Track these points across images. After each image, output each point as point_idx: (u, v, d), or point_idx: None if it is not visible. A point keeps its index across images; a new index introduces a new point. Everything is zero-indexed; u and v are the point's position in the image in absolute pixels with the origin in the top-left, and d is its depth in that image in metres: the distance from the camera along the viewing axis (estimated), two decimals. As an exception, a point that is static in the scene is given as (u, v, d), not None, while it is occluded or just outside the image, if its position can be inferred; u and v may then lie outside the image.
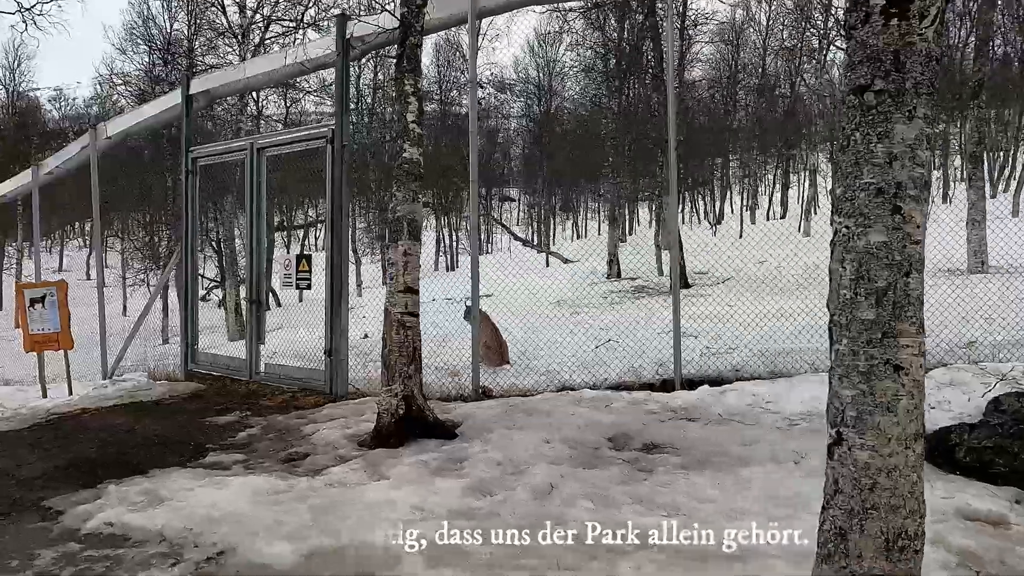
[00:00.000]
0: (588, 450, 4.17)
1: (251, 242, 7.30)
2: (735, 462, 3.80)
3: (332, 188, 6.47)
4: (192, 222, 8.01)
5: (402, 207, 4.76)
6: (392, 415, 4.56)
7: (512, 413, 4.99)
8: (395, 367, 4.64)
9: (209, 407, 6.44)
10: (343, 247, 6.49)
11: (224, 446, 4.93)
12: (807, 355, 5.86)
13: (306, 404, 6.34)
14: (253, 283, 7.27)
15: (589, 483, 3.55)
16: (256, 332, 7.25)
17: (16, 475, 4.36)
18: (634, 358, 6.44)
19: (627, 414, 4.84)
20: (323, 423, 5.30)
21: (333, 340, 6.47)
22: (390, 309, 4.73)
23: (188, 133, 8.05)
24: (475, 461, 4.00)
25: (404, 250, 4.73)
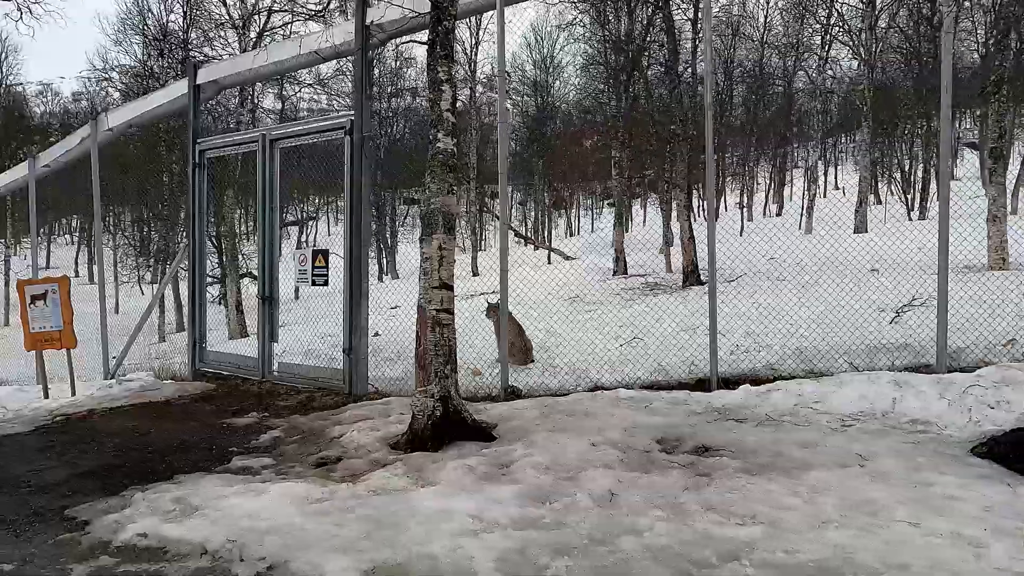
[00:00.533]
0: (638, 453, 3.98)
1: (263, 237, 7.05)
2: (798, 466, 3.63)
3: (351, 182, 6.25)
4: (200, 217, 7.75)
5: (436, 199, 4.55)
6: (429, 417, 4.36)
7: (550, 414, 4.80)
8: (430, 367, 4.44)
9: (224, 408, 6.21)
10: (362, 243, 6.27)
11: (249, 449, 4.71)
12: (843, 352, 5.72)
13: (325, 405, 6.12)
14: (265, 280, 7.03)
15: (652, 489, 3.36)
16: (269, 330, 7.02)
17: (33, 482, 4.12)
18: (661, 356, 6.27)
19: (670, 415, 4.66)
20: (349, 425, 5.08)
21: (352, 338, 6.26)
22: (424, 306, 4.52)
23: (195, 124, 7.78)
24: (522, 466, 3.81)
25: (439, 244, 4.53)
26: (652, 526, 2.92)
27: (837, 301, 7.17)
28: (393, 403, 5.65)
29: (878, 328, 6.28)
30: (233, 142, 7.52)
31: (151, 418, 5.84)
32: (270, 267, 7.04)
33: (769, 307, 7.33)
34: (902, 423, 4.19)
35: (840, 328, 6.20)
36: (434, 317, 4.48)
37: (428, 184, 4.60)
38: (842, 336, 6.02)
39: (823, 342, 5.93)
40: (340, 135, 6.36)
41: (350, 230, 6.27)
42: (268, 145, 6.96)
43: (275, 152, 6.99)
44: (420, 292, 4.59)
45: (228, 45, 15.70)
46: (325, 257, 6.62)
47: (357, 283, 6.24)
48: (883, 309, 6.80)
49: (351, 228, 6.26)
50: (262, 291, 7.03)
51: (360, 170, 6.22)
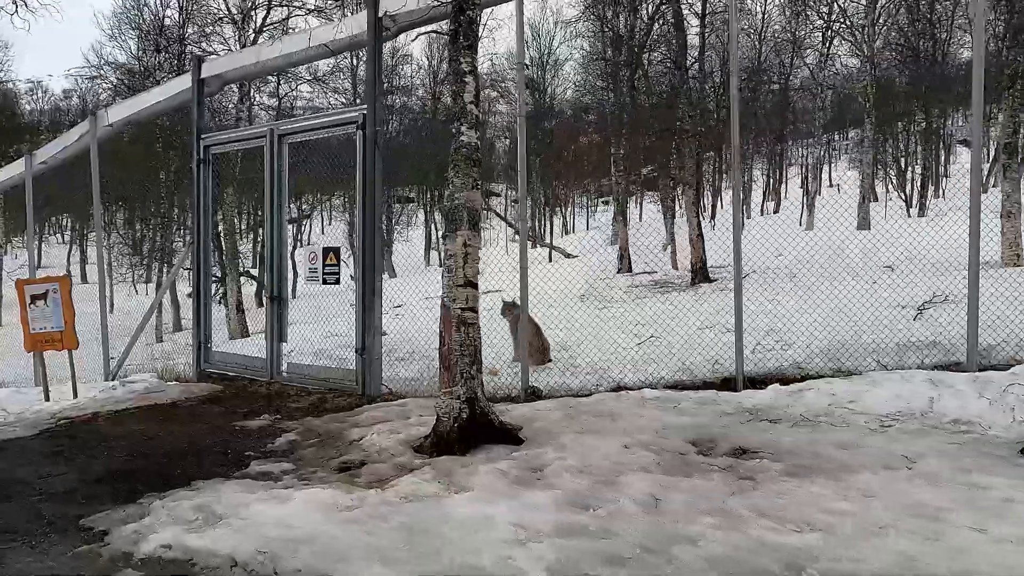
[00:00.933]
0: (673, 456, 3.86)
1: (271, 235, 6.89)
2: (842, 468, 3.51)
3: (364, 177, 6.10)
4: (205, 214, 7.58)
5: (460, 194, 4.40)
6: (455, 419, 4.22)
7: (576, 416, 4.68)
8: (455, 367, 4.30)
9: (233, 410, 6.05)
10: (376, 240, 6.12)
11: (265, 454, 4.55)
12: (871, 351, 5.61)
13: (338, 406, 5.97)
14: (273, 278, 6.87)
15: (696, 494, 3.24)
16: (277, 330, 6.85)
17: (43, 489, 3.95)
18: (683, 355, 6.15)
19: (701, 415, 4.54)
20: (368, 427, 4.93)
21: (366, 338, 6.11)
22: (449, 305, 4.38)
23: (199, 120, 7.60)
24: (556, 470, 3.68)
25: (464, 241, 4.39)
26: (705, 534, 2.79)
27: (856, 298, 7.07)
28: (410, 404, 5.51)
29: (904, 326, 6.18)
30: (239, 137, 7.34)
31: (159, 421, 5.68)
32: (278, 265, 6.87)
33: (788, 305, 7.23)
34: (943, 423, 4.08)
35: (864, 326, 6.10)
36: (459, 316, 4.34)
37: (451, 179, 4.46)
38: (868, 334, 5.92)
39: (850, 340, 5.83)
40: (352, 130, 6.20)
41: (363, 226, 6.12)
42: (276, 140, 6.80)
43: (283, 148, 6.83)
44: (444, 290, 4.45)
45: (225, 41, 15.50)
46: (336, 255, 6.47)
47: (370, 281, 6.09)
48: (904, 306, 6.71)
49: (364, 224, 6.11)
50: (270, 290, 6.87)
51: (373, 165, 6.07)
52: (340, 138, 6.56)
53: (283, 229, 6.91)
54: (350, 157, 6.27)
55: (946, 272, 7.97)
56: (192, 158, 7.56)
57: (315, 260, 6.58)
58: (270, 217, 6.88)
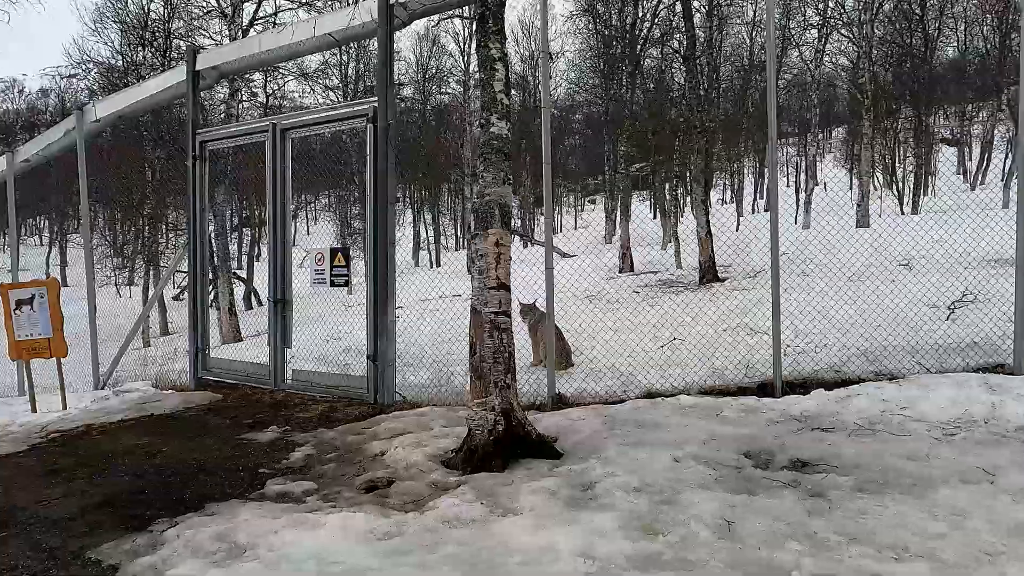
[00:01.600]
0: (730, 470, 3.59)
1: (274, 235, 6.53)
2: (918, 483, 3.26)
3: (375, 173, 5.77)
4: (201, 213, 7.20)
5: (492, 189, 4.10)
6: (489, 432, 3.91)
7: (614, 425, 4.39)
8: (489, 376, 4.00)
9: (238, 421, 5.69)
10: (389, 240, 5.79)
11: (281, 471, 4.22)
12: (909, 352, 5.39)
13: (349, 416, 5.64)
14: (277, 280, 6.51)
15: (770, 515, 2.96)
16: (282, 335, 6.50)
17: (42, 514, 3.59)
18: (709, 358, 5.89)
19: (748, 424, 4.28)
20: (388, 440, 4.61)
21: (379, 344, 5.78)
22: (480, 309, 4.07)
23: (195, 114, 7.22)
24: (607, 488, 3.39)
25: (496, 239, 4.08)
26: (798, 563, 2.52)
27: (880, 298, 6.86)
28: (429, 414, 5.20)
29: (938, 326, 5.97)
30: (238, 132, 6.97)
31: (160, 434, 5.31)
32: (282, 266, 6.52)
33: (810, 304, 7.00)
34: (1010, 431, 3.84)
35: (897, 326, 5.88)
36: (492, 321, 4.04)
37: (481, 173, 4.15)
38: (902, 335, 5.70)
39: (888, 342, 5.60)
40: (361, 123, 5.87)
41: (374, 226, 5.79)
42: (279, 135, 6.44)
43: (287, 143, 6.48)
44: (474, 293, 4.14)
45: (211, 36, 15.02)
46: (345, 255, 6.13)
47: (383, 283, 5.77)
48: (934, 305, 6.50)
49: (376, 224, 5.78)
50: (273, 292, 6.51)
51: (386, 160, 5.74)
52: (326, 136, 6.27)
53: (287, 229, 6.56)
54: (341, 153, 5.94)
55: (968, 270, 7.80)
56: (187, 154, 7.18)
57: (322, 261, 6.23)
58: (273, 217, 6.52)
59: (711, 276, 10.26)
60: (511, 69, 18.26)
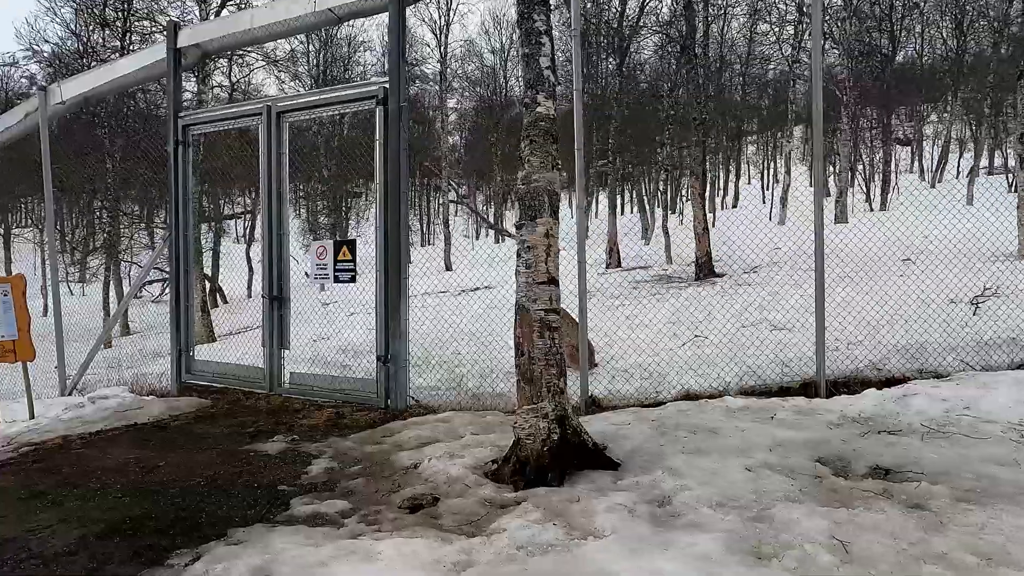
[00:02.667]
0: (810, 479, 3.31)
1: (269, 227, 6.04)
2: (1021, 491, 3.03)
3: (386, 159, 5.34)
4: (184, 204, 6.64)
5: (540, 175, 3.74)
6: (543, 442, 3.56)
7: (666, 431, 4.08)
8: (541, 380, 3.64)
9: (236, 430, 5.20)
10: (401, 233, 5.37)
11: (304, 488, 3.78)
12: (949, 349, 5.23)
13: (359, 423, 5.22)
14: (273, 276, 6.02)
15: (883, 532, 2.69)
16: (278, 335, 6.01)
17: (35, 548, 3.08)
18: (741, 357, 5.64)
19: (808, 428, 4.01)
20: (416, 450, 4.22)
21: (390, 344, 5.36)
22: (527, 307, 3.71)
23: (177, 95, 6.65)
24: (687, 503, 3.08)
25: (546, 230, 3.73)
26: (951, 592, 2.24)
27: (897, 293, 6.73)
28: (454, 420, 4.81)
29: (967, 322, 5.85)
30: (226, 116, 6.42)
31: (151, 447, 4.79)
32: (279, 260, 6.03)
33: (830, 300, 6.81)
34: (1091, 432, 3.67)
35: (924, 322, 5.73)
36: (542, 319, 3.68)
37: (527, 158, 3.78)
38: (935, 332, 5.55)
39: (920, 338, 5.44)
40: (370, 105, 5.43)
41: (385, 215, 5.36)
42: (274, 119, 5.94)
43: (283, 127, 5.98)
44: (520, 290, 3.77)
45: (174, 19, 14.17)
46: (351, 249, 5.68)
47: (395, 278, 5.35)
48: (953, 300, 6.39)
49: (386, 213, 5.35)
50: (269, 289, 6.01)
51: (397, 144, 5.31)
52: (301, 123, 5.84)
53: (284, 221, 6.06)
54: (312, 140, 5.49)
55: (974, 265, 7.76)
56: (168, 139, 6.60)
57: (324, 255, 5.77)
58: (267, 207, 6.02)
59: (707, 271, 10.08)
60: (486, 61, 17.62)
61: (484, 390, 5.66)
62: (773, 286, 7.83)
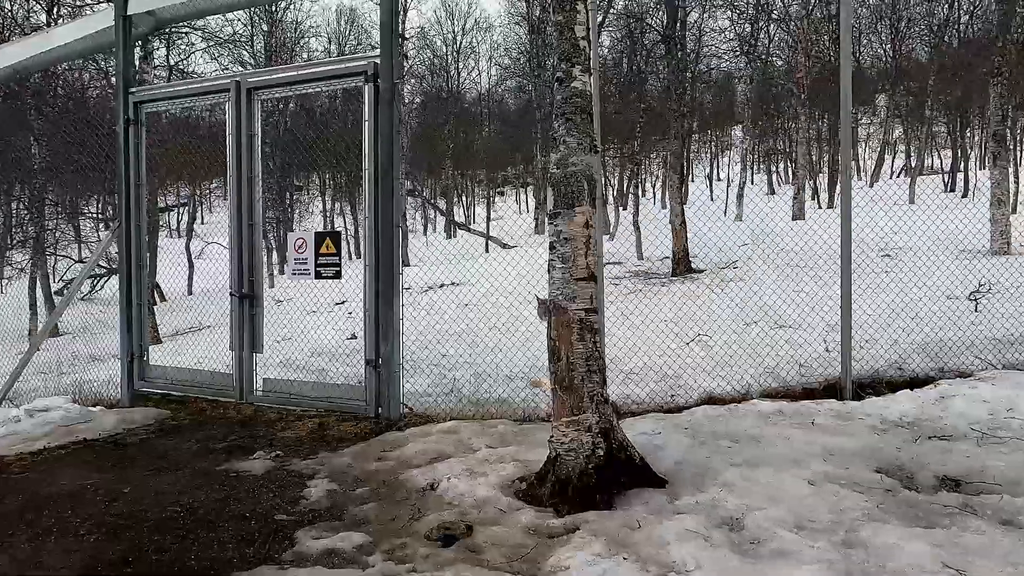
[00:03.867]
0: (882, 494, 3.03)
1: (238, 217, 5.42)
2: (1110, 502, 2.83)
3: (376, 143, 4.82)
4: (137, 190, 5.92)
5: (578, 158, 3.33)
6: (587, 459, 3.16)
7: (702, 439, 3.75)
8: (582, 389, 3.23)
9: (207, 445, 4.60)
10: (394, 221, 4.86)
11: (306, 517, 3.27)
12: (966, 347, 5.10)
13: (348, 435, 4.70)
14: (243, 271, 5.40)
15: (997, 557, 2.42)
16: (250, 337, 5.40)
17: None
18: (755, 357, 5.38)
19: (853, 434, 3.76)
20: (426, 466, 3.76)
21: (381, 346, 4.85)
22: (565, 305, 3.30)
23: (127, 69, 5.92)
24: (763, 526, 2.74)
25: (586, 220, 3.32)
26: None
27: (890, 288, 6.64)
28: (461, 430, 4.35)
29: (971, 317, 5.77)
30: (187, 92, 5.73)
31: (110, 468, 4.15)
32: (249, 255, 5.42)
33: (829, 297, 6.64)
34: None
35: (931, 319, 5.61)
36: (582, 320, 3.27)
37: (562, 138, 3.37)
38: (947, 329, 5.43)
39: (938, 335, 5.30)
40: (359, 82, 4.89)
41: (376, 205, 4.84)
42: (244, 96, 5.32)
43: (253, 105, 5.37)
44: (554, 286, 3.36)
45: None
46: (335, 241, 5.13)
47: (387, 274, 4.84)
48: (951, 296, 6.33)
49: (377, 205, 4.83)
50: (238, 285, 5.40)
51: (389, 126, 4.80)
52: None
53: (255, 210, 5.44)
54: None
55: (954, 261, 7.79)
56: (118, 118, 5.86)
57: (304, 248, 5.19)
58: (237, 195, 5.40)
59: (685, 267, 9.90)
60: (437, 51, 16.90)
61: (483, 396, 5.22)
62: (759, 282, 7.66)
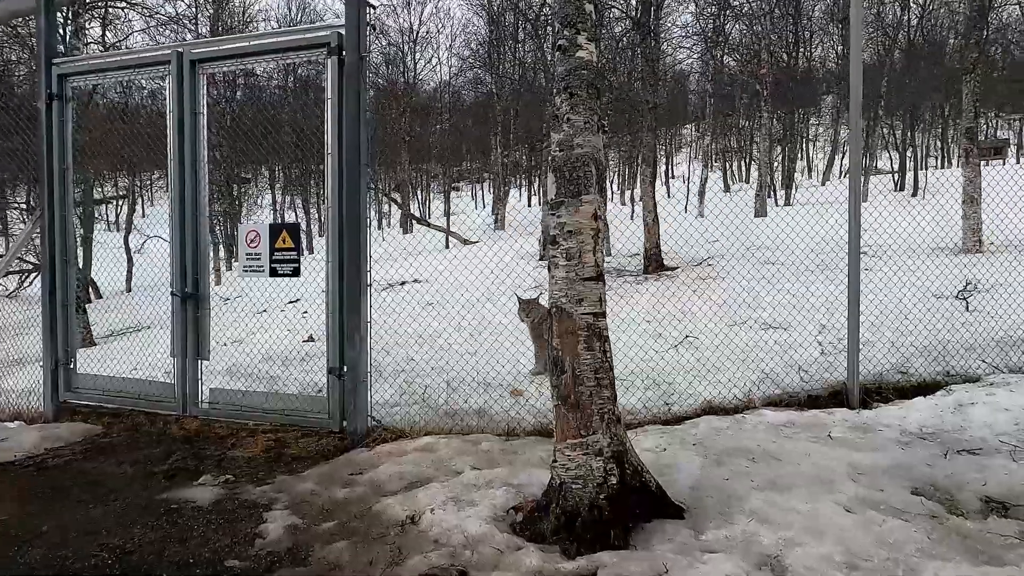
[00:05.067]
0: (926, 520, 2.70)
1: (180, 207, 4.79)
2: None
3: (341, 125, 4.27)
4: (62, 175, 5.22)
5: (584, 139, 2.88)
6: (598, 488, 2.72)
7: (715, 457, 3.37)
8: (590, 405, 2.80)
9: (147, 468, 4.00)
10: (361, 213, 4.33)
11: (266, 562, 2.75)
12: (967, 349, 4.88)
13: (309, 453, 4.16)
14: (186, 267, 4.78)
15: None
16: (194, 342, 4.79)
17: None
18: (748, 362, 5.05)
19: (875, 448, 3.43)
20: (404, 494, 3.27)
21: (346, 352, 4.32)
22: (570, 310, 2.85)
23: (49, 35, 5.20)
24: (809, 566, 2.38)
25: (594, 211, 2.88)
26: None
27: (874, 287, 6.43)
28: (439, 448, 3.87)
29: (963, 317, 5.57)
30: (121, 63, 5.05)
31: (26, 498, 3.52)
32: (194, 249, 4.79)
33: (815, 297, 6.41)
34: None
35: (923, 319, 5.39)
36: (590, 327, 2.84)
37: (566, 115, 2.91)
38: (946, 331, 5.21)
39: (936, 337, 5.07)
40: (319, 55, 4.34)
41: (340, 194, 4.30)
42: (188, 69, 4.70)
43: (198, 80, 4.74)
44: (556, 287, 2.91)
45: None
46: (293, 235, 4.55)
47: (353, 273, 4.30)
48: (938, 295, 6.15)
49: (341, 192, 4.29)
50: (181, 283, 4.77)
51: (356, 105, 4.27)
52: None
53: (200, 198, 4.81)
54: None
55: (930, 258, 7.67)
56: (40, 92, 5.14)
57: (257, 242, 4.60)
58: (179, 181, 4.76)
59: (657, 264, 9.59)
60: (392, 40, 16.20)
61: (459, 406, 4.74)
62: (737, 280, 7.38)
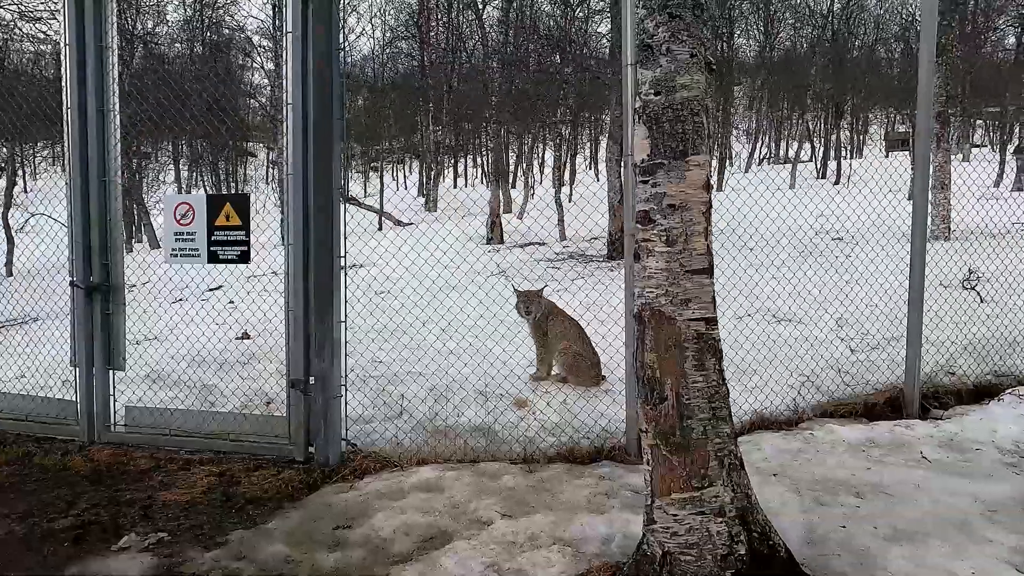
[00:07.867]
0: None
1: (82, 171, 3.65)
2: None
3: (305, 70, 3.29)
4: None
5: (688, 78, 2.09)
6: (722, 560, 1.96)
7: (815, 495, 2.70)
8: (704, 445, 2.03)
9: (41, 523, 2.94)
10: (333, 183, 3.37)
11: None
12: (1006, 346, 4.48)
13: (266, 492, 3.21)
14: (90, 251, 3.66)
15: None
16: (103, 348, 3.69)
17: None
18: (776, 362, 4.43)
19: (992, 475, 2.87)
20: (421, 561, 2.42)
21: (313, 362, 3.38)
22: (672, 314, 2.07)
23: None
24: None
25: (705, 178, 2.11)
26: None
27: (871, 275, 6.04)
28: (447, 484, 3.03)
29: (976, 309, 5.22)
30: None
31: None
32: (102, 225, 3.68)
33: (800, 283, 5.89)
34: None
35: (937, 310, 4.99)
36: (700, 336, 2.06)
37: (665, 46, 2.10)
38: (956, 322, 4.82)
39: (973, 332, 4.65)
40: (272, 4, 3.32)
41: (304, 158, 3.32)
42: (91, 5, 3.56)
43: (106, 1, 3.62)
44: (652, 282, 2.11)
45: None
46: (240, 208, 3.52)
47: (324, 262, 3.35)
48: (946, 285, 5.81)
49: (306, 158, 3.31)
50: (85, 270, 3.65)
51: (328, 44, 3.30)
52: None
53: (108, 159, 3.68)
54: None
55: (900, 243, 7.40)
56: None
57: (190, 218, 3.54)
58: (79, 137, 3.62)
59: (620, 252, 8.97)
60: None
61: (449, 421, 3.86)
62: (731, 268, 6.81)
